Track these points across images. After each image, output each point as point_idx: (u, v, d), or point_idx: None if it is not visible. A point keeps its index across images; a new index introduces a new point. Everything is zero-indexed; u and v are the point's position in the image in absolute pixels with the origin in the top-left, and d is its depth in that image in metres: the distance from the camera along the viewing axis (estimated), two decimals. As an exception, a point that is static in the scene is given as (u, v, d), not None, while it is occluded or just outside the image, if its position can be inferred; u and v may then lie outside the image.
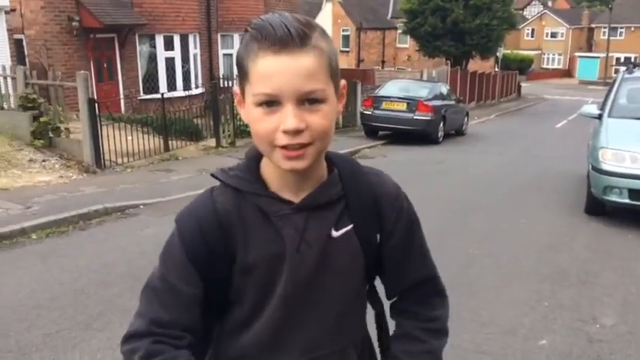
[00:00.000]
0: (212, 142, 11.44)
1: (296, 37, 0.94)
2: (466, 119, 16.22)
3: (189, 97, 13.67)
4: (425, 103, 13.21)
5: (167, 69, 15.48)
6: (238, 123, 12.19)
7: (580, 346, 3.55)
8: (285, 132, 0.95)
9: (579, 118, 7.80)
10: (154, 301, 1.05)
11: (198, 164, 9.35)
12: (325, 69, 0.98)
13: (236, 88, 1.03)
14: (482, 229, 6.23)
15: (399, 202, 1.16)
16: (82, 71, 8.91)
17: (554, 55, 59.41)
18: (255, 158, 1.07)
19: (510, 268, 4.94)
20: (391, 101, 13.40)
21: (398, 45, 38.51)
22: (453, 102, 15.08)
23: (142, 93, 14.35)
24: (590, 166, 6.62)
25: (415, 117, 13.04)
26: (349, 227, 1.08)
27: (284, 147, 0.96)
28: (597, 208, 6.65)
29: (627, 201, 6.15)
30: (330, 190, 1.08)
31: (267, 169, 1.06)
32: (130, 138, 9.16)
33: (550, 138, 15.59)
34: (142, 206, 6.56)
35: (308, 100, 0.96)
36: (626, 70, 7.89)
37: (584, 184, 6.97)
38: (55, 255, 5.00)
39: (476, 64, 29.85)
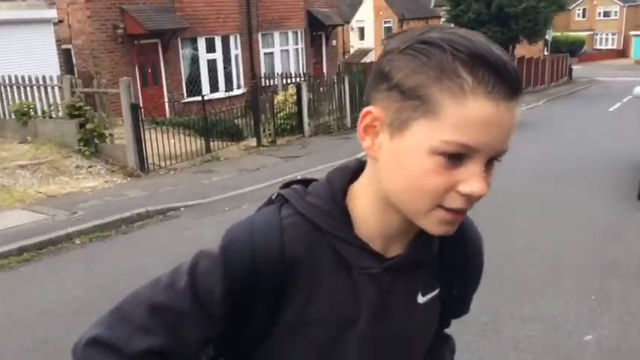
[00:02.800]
0: (253, 141, 11.53)
1: (519, 84, 0.71)
2: (513, 106, 15.71)
3: (230, 97, 13.86)
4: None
5: (209, 70, 15.72)
6: (279, 122, 12.27)
7: (629, 340, 3.35)
8: (467, 195, 0.74)
9: (634, 101, 7.40)
10: (158, 320, 0.80)
11: (240, 164, 9.45)
12: None
13: (375, 111, 0.74)
14: (529, 219, 6.00)
15: (481, 259, 0.96)
16: (125, 77, 9.15)
17: (607, 35, 56.81)
18: (341, 187, 0.82)
19: (556, 260, 4.72)
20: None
21: (442, 34, 37.80)
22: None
23: (185, 96, 14.63)
24: (644, 150, 6.27)
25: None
26: (436, 292, 0.89)
27: (452, 210, 0.75)
28: (651, 194, 6.29)
29: (684, 186, 5.79)
30: (430, 247, 0.86)
31: (360, 206, 0.81)
32: (172, 141, 9.35)
33: (602, 122, 14.91)
34: (182, 208, 6.67)
35: (493, 160, 0.75)
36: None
37: (638, 170, 6.59)
38: (97, 259, 5.14)
39: (524, 49, 28.91)
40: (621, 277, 4.32)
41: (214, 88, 15.37)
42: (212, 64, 15.83)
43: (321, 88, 13.80)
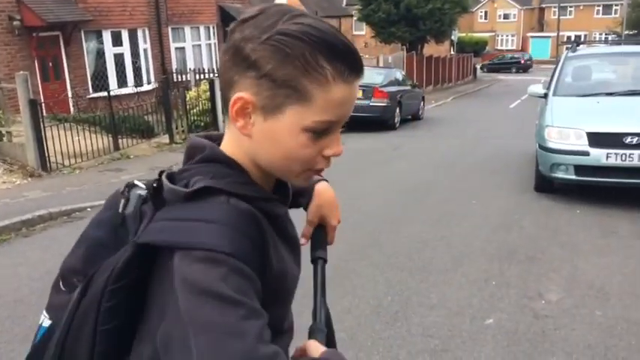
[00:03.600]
0: (165, 138, 11.20)
1: (362, 64, 0.87)
2: (422, 104, 16.35)
3: (140, 93, 13.34)
4: (380, 89, 13.25)
5: (116, 65, 15.06)
6: (192, 118, 12.00)
7: (526, 322, 3.60)
8: (328, 157, 0.90)
9: (531, 98, 7.93)
10: (258, 323, 0.77)
11: (151, 162, 9.15)
12: None
13: (247, 96, 0.83)
14: (436, 212, 6.27)
15: None
16: (22, 72, 8.57)
17: (507, 36, 60.47)
18: (229, 159, 0.89)
19: (461, 250, 4.98)
20: (346, 89, 13.37)
21: (354, 32, 38.52)
22: (408, 87, 15.17)
23: (90, 91, 13.94)
24: (538, 145, 6.74)
25: (371, 104, 13.05)
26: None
27: (319, 170, 0.92)
28: (546, 185, 6.78)
29: (574, 177, 6.29)
30: (287, 188, 1.02)
31: (251, 170, 0.91)
32: (77, 138, 8.88)
33: (503, 119, 15.87)
34: (89, 209, 6.36)
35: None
36: (570, 48, 8.04)
37: (534, 163, 7.09)
38: (-6, 265, 4.80)
39: (431, 49, 30.11)
40: (519, 263, 4.63)
41: (122, 83, 14.74)
42: (119, 59, 15.17)
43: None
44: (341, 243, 5.71)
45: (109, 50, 14.86)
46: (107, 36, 14.78)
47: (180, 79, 15.88)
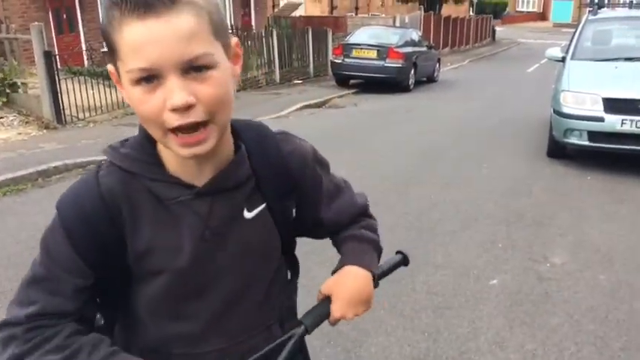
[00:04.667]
0: (179, 94, 11.20)
1: None
2: (438, 66, 16.12)
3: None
4: (395, 50, 13.07)
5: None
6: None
7: (529, 284, 3.66)
8: (174, 110, 0.81)
9: (551, 62, 7.80)
10: (38, 290, 0.92)
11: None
12: (207, 28, 0.82)
13: (110, 67, 0.88)
14: (446, 175, 6.29)
15: (313, 168, 1.09)
16: (37, 23, 8.54)
17: (529, -2, 58.84)
18: (146, 133, 0.90)
19: (469, 213, 5.02)
20: (361, 49, 13.22)
21: (372, -10, 37.67)
22: (424, 48, 14.94)
23: (104, 45, 13.88)
24: (552, 109, 6.68)
25: (386, 64, 12.92)
26: (262, 206, 1.00)
27: (177, 131, 0.83)
28: (558, 151, 6.75)
29: (587, 143, 6.25)
30: (238, 171, 0.96)
31: (162, 148, 0.92)
32: (91, 92, 8.91)
33: (521, 83, 15.63)
34: (103, 162, 6.44)
35: (193, 69, 0.81)
36: (590, 11, 7.85)
37: (549, 128, 7.03)
38: (11, 213, 4.93)
39: (450, 9, 29.47)
40: (526, 227, 4.67)
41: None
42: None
43: (250, 42, 13.52)
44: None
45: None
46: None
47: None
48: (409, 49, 13.63)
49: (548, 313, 3.32)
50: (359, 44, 13.38)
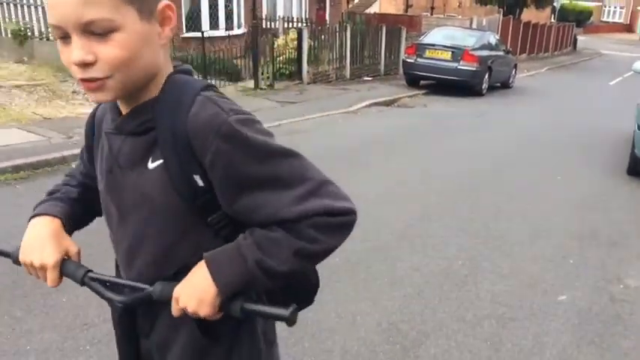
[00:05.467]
0: (250, 83, 11.43)
1: None
2: (514, 72, 15.65)
3: (230, 37, 13.59)
4: (471, 52, 12.78)
5: (210, 7, 15.34)
6: (278, 66, 12.13)
7: (600, 304, 3.51)
8: (75, 65, 0.90)
9: (635, 76, 7.41)
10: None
11: (236, 104, 9.39)
12: None
13: None
14: (517, 184, 6.11)
15: (214, 143, 0.94)
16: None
17: (615, 7, 55.97)
18: None
19: (540, 225, 4.86)
20: (435, 49, 13.01)
21: (449, -9, 36.95)
22: (501, 53, 14.53)
23: (184, 30, 14.34)
24: (636, 126, 6.34)
25: (459, 67, 12.66)
26: (160, 161, 0.99)
27: (82, 79, 0.92)
28: (639, 169, 6.41)
29: (672, 163, 5.90)
30: (135, 119, 1.00)
31: None
32: (170, 75, 9.23)
33: (601, 95, 14.94)
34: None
35: (92, 31, 0.88)
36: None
37: (630, 145, 6.69)
38: (91, 184, 5.19)
39: (530, 14, 28.46)
40: (601, 246, 4.47)
41: (214, 25, 15.04)
42: (213, 1, 15.43)
43: (323, 36, 13.59)
44: (414, 204, 5.77)
45: (205, -9, 15.13)
46: (204, -23, 15.02)
47: (269, 26, 15.98)
48: (485, 53, 13.30)
49: (620, 335, 3.17)
50: (433, 44, 13.18)
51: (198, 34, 11.45)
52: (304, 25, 13.53)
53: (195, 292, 0.97)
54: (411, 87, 13.40)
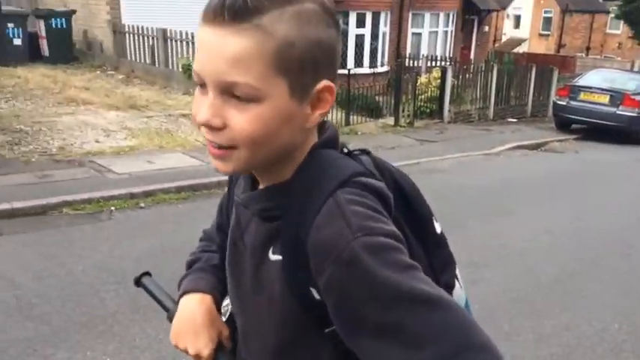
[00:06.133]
0: (391, 120, 11.58)
1: (228, 8, 0.72)
2: (681, 119, 14.12)
3: (374, 74, 13.94)
4: (632, 97, 11.81)
5: (356, 45, 15.91)
6: (419, 104, 12.18)
7: None
8: (199, 124, 0.78)
9: None
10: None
11: (375, 141, 9.57)
12: (267, 59, 0.73)
13: None
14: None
15: (330, 268, 0.75)
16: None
17: None
18: None
19: None
20: (591, 92, 12.21)
21: (608, 30, 34.60)
22: (666, 98, 13.22)
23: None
24: None
25: (618, 112, 11.74)
26: (279, 258, 0.84)
27: (208, 141, 0.79)
28: None
29: None
30: (261, 202, 0.86)
31: None
32: (316, 110, 9.67)
33: None
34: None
35: (231, 94, 0.75)
36: None
37: None
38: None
39: None
40: None
41: (359, 63, 15.55)
42: (359, 40, 15.99)
43: (467, 75, 13.41)
44: (565, 256, 5.39)
45: (352, 31, 15.75)
46: (353, 17, 15.66)
47: (412, 65, 16.16)
48: (648, 98, 12.20)
49: None
50: (589, 87, 12.38)
51: (344, 71, 11.92)
52: (448, 63, 13.46)
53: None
54: (561, 131, 12.67)
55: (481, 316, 3.31)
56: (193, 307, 1.03)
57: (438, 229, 0.97)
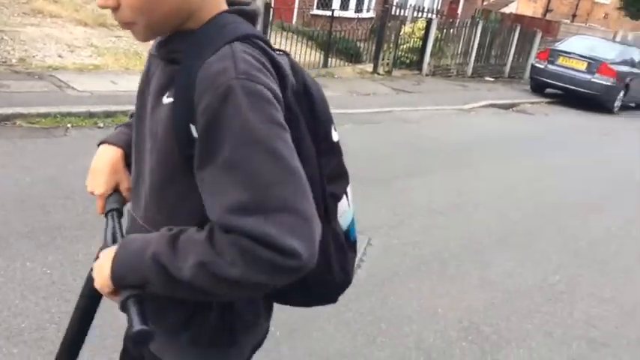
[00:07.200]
0: (369, 67, 11.41)
1: None
2: (655, 93, 14.30)
3: (359, 19, 13.63)
4: (609, 66, 11.85)
5: (343, -13, 15.46)
6: (399, 53, 12.01)
7: None
8: (100, 7, 0.91)
9: None
10: None
11: (351, 86, 9.44)
12: None
13: None
14: (634, 208, 5.63)
15: (207, 98, 0.82)
16: (262, -25, 9.23)
17: None
18: None
19: (653, 255, 4.45)
20: (570, 57, 12.19)
21: (596, 0, 34.45)
22: (643, 71, 13.33)
23: (315, 7, 14.59)
24: None
25: (593, 79, 11.79)
26: (171, 100, 0.90)
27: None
28: None
29: None
30: (166, 44, 0.95)
31: None
32: (294, 49, 9.45)
33: None
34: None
35: None
36: None
37: None
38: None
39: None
40: None
41: (344, 6, 15.15)
42: (347, -19, 15.53)
43: (452, 30, 13.22)
44: (518, 212, 5.47)
45: (341, -28, 15.25)
46: (341, -43, 15.14)
47: (397, 13, 15.82)
48: (625, 69, 12.26)
49: None
50: (569, 52, 12.35)
51: (328, 13, 11.60)
52: (434, 15, 13.21)
53: (100, 270, 0.92)
54: (535, 94, 12.71)
55: (429, 260, 3.37)
56: (102, 155, 1.14)
57: (335, 138, 1.06)
